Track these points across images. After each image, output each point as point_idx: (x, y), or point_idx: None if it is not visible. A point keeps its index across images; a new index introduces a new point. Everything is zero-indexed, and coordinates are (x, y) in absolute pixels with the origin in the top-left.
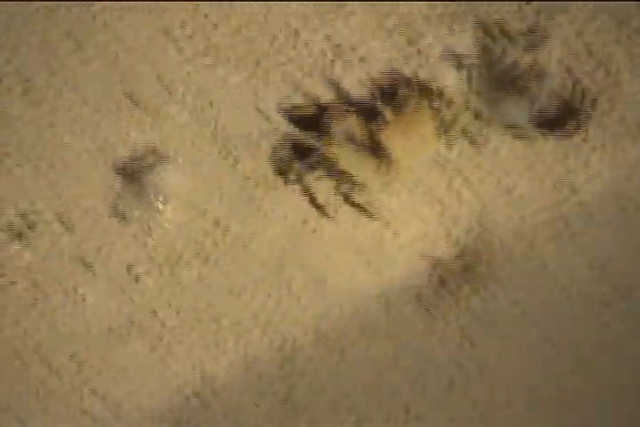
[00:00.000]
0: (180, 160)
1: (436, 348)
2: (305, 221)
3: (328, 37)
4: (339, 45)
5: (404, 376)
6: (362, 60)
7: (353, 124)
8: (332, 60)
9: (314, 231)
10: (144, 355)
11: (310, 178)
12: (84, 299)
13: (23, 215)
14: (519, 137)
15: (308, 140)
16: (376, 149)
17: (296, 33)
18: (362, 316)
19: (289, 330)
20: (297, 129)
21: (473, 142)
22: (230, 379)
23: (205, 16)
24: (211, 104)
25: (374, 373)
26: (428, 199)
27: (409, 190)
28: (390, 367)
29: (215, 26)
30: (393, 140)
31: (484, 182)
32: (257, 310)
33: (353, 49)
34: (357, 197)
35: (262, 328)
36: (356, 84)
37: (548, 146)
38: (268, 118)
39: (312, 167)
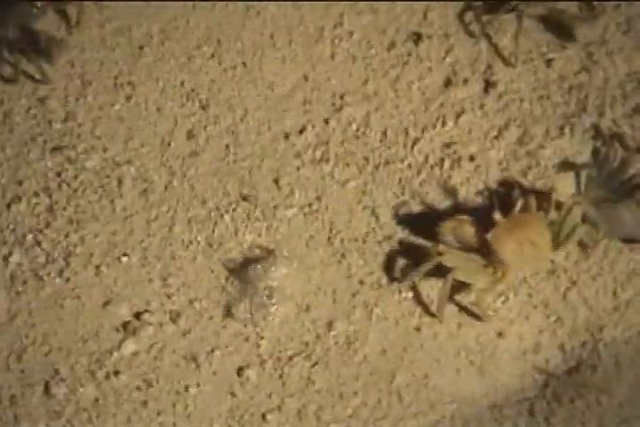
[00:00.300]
0: (294, 262)
1: None
2: (415, 325)
3: (444, 144)
4: (454, 152)
5: None
6: (478, 167)
7: (468, 231)
8: (449, 167)
9: (424, 334)
10: None
11: (420, 279)
12: (192, 398)
13: (137, 315)
14: (637, 250)
15: (421, 246)
16: (489, 256)
17: (413, 140)
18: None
19: None
20: (411, 235)
21: (589, 253)
22: None
23: (325, 121)
24: (326, 208)
25: None
26: (541, 308)
27: (522, 298)
28: None
29: (334, 131)
30: (506, 246)
31: (599, 294)
32: (366, 417)
33: (469, 156)
34: (468, 300)
35: None
36: (471, 190)
37: None
38: (382, 223)
39: (424, 272)
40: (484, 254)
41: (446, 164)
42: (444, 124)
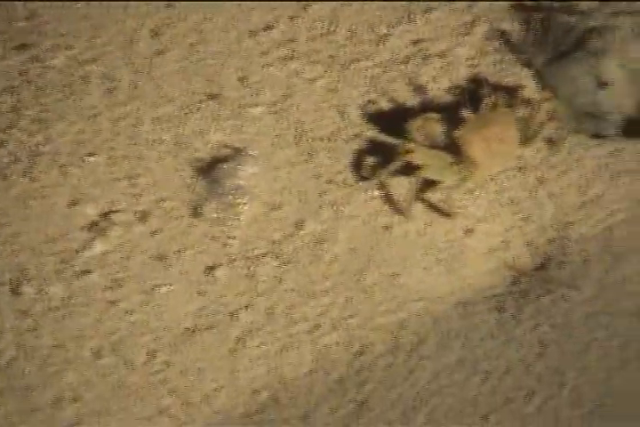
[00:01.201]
0: (261, 161)
1: (514, 357)
2: (383, 223)
3: (414, 42)
4: (423, 49)
5: (481, 385)
6: (447, 63)
7: (436, 128)
8: (418, 64)
9: (393, 233)
10: (220, 356)
11: (389, 178)
12: (162, 297)
13: (105, 214)
14: (604, 145)
15: (390, 144)
16: (457, 153)
17: (382, 37)
18: (441, 324)
19: (367, 336)
20: (380, 133)
21: (556, 150)
22: (306, 384)
23: (291, 19)
24: (294, 106)
25: (451, 380)
26: (509, 206)
27: (490, 196)
28: (469, 375)
29: (301, 29)
30: (474, 143)
31: (567, 191)
32: (336, 315)
33: (438, 53)
34: (436, 198)
35: (339, 334)
36: (440, 88)
37: (632, 151)
38: (351, 122)
39: (393, 171)
40: (452, 152)
41: (415, 61)
42: (412, 20)
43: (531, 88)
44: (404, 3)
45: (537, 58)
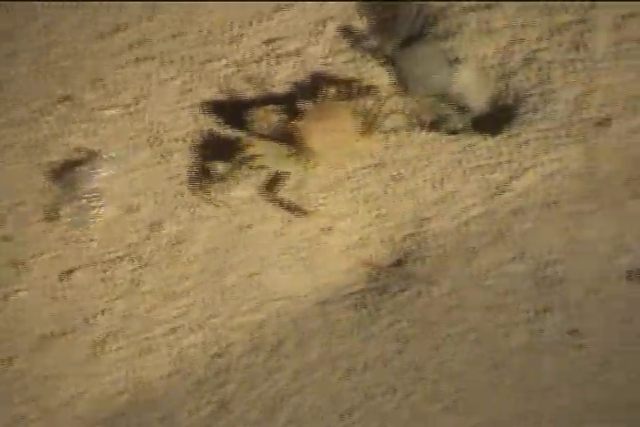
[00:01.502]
0: (116, 164)
1: (374, 353)
2: (241, 223)
3: (267, 41)
4: (277, 48)
5: (341, 382)
6: (300, 62)
7: (277, 120)
8: (271, 64)
9: (250, 232)
10: (79, 361)
11: (237, 176)
12: (17, 303)
13: None
14: (459, 141)
15: (236, 139)
16: (296, 143)
17: (236, 37)
18: (300, 323)
19: (227, 337)
20: (227, 129)
21: (410, 144)
22: (165, 386)
23: (147, 20)
24: (149, 108)
25: (310, 379)
26: (366, 203)
27: (346, 193)
28: (329, 374)
29: (154, 29)
30: (312, 134)
31: (423, 187)
32: (196, 316)
33: (292, 51)
34: (287, 196)
35: (198, 335)
36: (291, 84)
37: (484, 147)
38: (205, 122)
39: (240, 166)
40: (292, 143)
41: (268, 60)
42: (263, 20)
43: (381, 83)
44: (254, 2)
45: (387, 45)
